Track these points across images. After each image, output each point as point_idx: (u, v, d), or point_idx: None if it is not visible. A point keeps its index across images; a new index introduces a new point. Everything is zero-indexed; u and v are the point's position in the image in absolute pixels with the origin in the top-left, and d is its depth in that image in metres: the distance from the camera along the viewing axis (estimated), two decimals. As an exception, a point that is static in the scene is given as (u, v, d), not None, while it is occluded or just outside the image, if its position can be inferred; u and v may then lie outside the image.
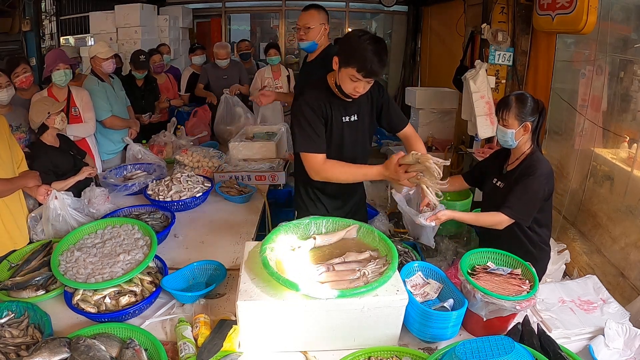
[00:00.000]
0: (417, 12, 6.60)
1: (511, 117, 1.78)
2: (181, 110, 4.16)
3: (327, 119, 1.81)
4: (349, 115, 1.85)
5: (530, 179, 1.73)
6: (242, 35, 6.91)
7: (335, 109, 1.81)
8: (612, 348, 1.42)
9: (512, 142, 1.81)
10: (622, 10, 2.59)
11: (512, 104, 1.78)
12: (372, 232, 1.60)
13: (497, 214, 1.75)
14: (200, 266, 1.78)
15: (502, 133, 1.81)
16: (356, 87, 1.67)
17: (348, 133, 1.87)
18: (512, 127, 1.78)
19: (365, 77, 1.63)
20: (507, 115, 1.78)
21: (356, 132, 1.90)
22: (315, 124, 1.75)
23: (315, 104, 1.77)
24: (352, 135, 1.89)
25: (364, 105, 1.88)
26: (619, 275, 2.42)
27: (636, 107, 2.50)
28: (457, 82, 3.77)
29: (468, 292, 1.42)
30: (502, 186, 1.87)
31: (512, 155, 1.89)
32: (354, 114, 1.86)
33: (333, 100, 1.80)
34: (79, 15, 5.72)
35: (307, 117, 1.75)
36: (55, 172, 2.30)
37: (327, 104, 1.79)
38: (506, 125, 1.79)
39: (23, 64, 2.72)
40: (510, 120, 1.78)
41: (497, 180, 1.90)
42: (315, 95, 1.79)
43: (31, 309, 1.49)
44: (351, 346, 1.35)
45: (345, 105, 1.82)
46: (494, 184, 1.92)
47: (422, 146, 1.96)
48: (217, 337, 1.37)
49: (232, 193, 2.60)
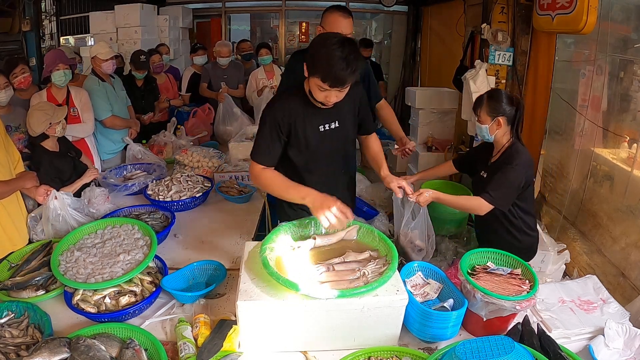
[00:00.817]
0: (417, 12, 6.60)
1: (483, 113, 1.91)
2: (181, 110, 4.16)
3: (298, 131, 1.68)
4: (327, 124, 1.72)
5: (509, 167, 1.83)
6: (242, 35, 6.91)
7: (310, 119, 1.68)
8: (612, 348, 1.42)
9: (488, 137, 1.93)
10: (622, 10, 2.59)
11: (484, 101, 1.92)
12: (372, 232, 1.60)
13: (477, 198, 1.85)
14: (200, 266, 1.78)
15: (478, 129, 1.95)
16: (327, 96, 1.53)
17: (328, 142, 1.74)
18: (485, 122, 1.91)
19: (331, 87, 1.48)
20: (480, 112, 1.92)
21: (337, 140, 1.77)
22: (272, 138, 1.66)
23: (280, 116, 1.65)
24: (332, 144, 1.76)
25: (345, 108, 1.73)
26: (619, 275, 2.42)
27: (636, 107, 2.49)
28: (457, 82, 3.77)
29: (468, 292, 1.43)
30: (486, 177, 1.96)
31: (494, 149, 2.00)
32: (333, 121, 1.73)
33: (308, 109, 1.66)
34: (79, 15, 5.71)
35: (267, 127, 1.66)
36: (60, 178, 2.30)
37: (300, 115, 1.66)
38: (480, 121, 1.93)
39: (21, 65, 2.71)
40: (482, 117, 1.91)
41: (484, 172, 1.99)
42: (287, 105, 1.66)
43: (31, 309, 1.49)
44: (351, 346, 1.35)
45: (322, 113, 1.68)
46: (480, 175, 2.01)
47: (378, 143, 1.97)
48: (217, 337, 1.37)
49: (232, 193, 2.60)
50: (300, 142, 1.70)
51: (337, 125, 1.74)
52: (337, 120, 1.74)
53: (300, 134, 1.69)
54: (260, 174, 1.67)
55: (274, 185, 1.66)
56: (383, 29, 7.97)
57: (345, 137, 1.82)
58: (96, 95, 2.98)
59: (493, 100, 1.90)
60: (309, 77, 1.54)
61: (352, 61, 1.43)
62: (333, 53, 1.42)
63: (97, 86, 3.02)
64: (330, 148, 1.77)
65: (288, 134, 1.68)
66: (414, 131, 4.94)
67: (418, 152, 4.64)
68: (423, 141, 4.78)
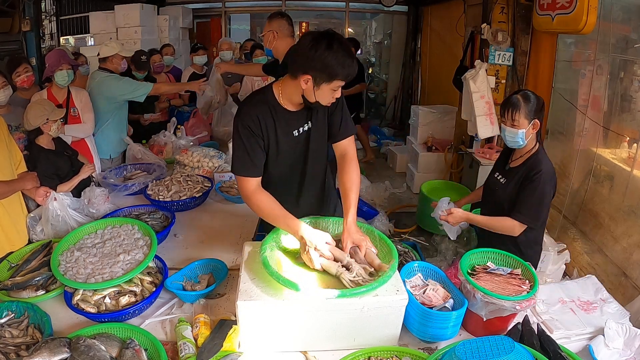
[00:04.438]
0: (417, 12, 6.61)
1: (521, 116, 1.75)
2: (181, 110, 4.16)
3: (271, 136, 1.60)
4: (300, 127, 1.65)
5: (536, 182, 1.74)
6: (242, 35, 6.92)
7: (281, 123, 1.60)
8: (612, 348, 1.42)
9: (523, 142, 1.79)
10: (622, 10, 2.59)
11: (521, 103, 1.76)
12: (372, 232, 1.60)
13: (508, 219, 1.78)
14: (202, 265, 1.79)
15: (512, 134, 1.79)
16: (335, 95, 1.53)
17: (301, 145, 1.68)
18: (522, 126, 1.76)
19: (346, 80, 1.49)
20: (517, 115, 1.75)
21: (310, 141, 1.69)
22: (251, 146, 1.57)
23: (252, 123, 1.56)
24: (306, 146, 1.69)
25: (318, 109, 1.63)
26: (620, 275, 2.42)
27: (636, 107, 2.50)
28: (457, 82, 3.77)
29: (468, 292, 1.42)
30: (503, 181, 1.89)
31: (516, 152, 1.89)
32: (305, 122, 1.65)
33: (278, 113, 1.59)
34: (79, 15, 5.72)
35: (242, 138, 1.57)
36: (58, 175, 2.30)
37: (270, 120, 1.58)
38: (516, 125, 1.77)
39: (24, 64, 2.72)
40: (521, 120, 1.75)
41: (500, 175, 1.92)
42: (255, 112, 1.57)
43: (31, 309, 1.49)
44: (351, 346, 1.35)
45: (294, 116, 1.62)
46: (495, 177, 1.94)
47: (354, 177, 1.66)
48: (217, 337, 1.37)
49: (232, 193, 2.60)
50: (271, 146, 1.63)
51: (310, 126, 1.67)
52: (309, 121, 1.66)
53: (274, 139, 1.61)
54: (251, 196, 1.58)
55: (265, 212, 1.58)
56: (383, 29, 7.98)
57: (318, 138, 1.71)
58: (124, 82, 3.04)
59: (530, 102, 1.76)
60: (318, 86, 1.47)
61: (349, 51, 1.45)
62: (339, 53, 1.42)
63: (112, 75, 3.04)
64: (304, 150, 1.70)
65: (268, 137, 1.60)
66: (414, 131, 4.95)
67: (418, 152, 4.65)
68: (423, 141, 4.79)
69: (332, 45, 1.41)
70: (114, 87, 3.00)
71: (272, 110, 1.58)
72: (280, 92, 1.59)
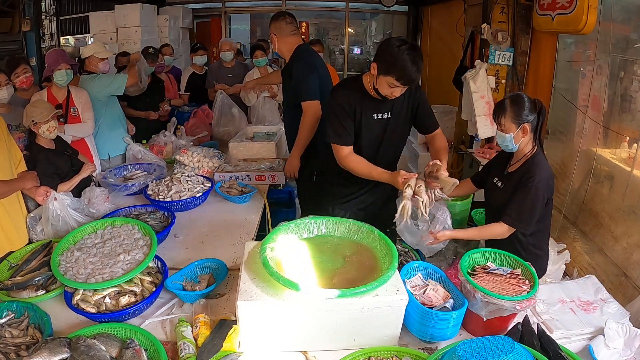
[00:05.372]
0: (417, 12, 6.61)
1: (507, 120, 1.73)
2: (181, 110, 4.16)
3: (357, 116, 1.92)
4: (381, 113, 1.94)
5: (529, 186, 1.71)
6: (242, 35, 6.92)
7: (367, 107, 1.92)
8: (612, 348, 1.42)
9: (513, 146, 1.77)
10: (622, 10, 2.59)
11: (507, 107, 1.73)
12: (372, 232, 1.60)
13: (497, 225, 1.75)
14: (202, 265, 1.78)
15: (501, 138, 1.77)
16: (393, 91, 1.78)
17: (379, 130, 1.97)
18: (509, 131, 1.73)
19: (403, 85, 1.74)
20: (504, 119, 1.73)
21: (388, 129, 1.98)
22: (344, 120, 1.90)
23: (344, 102, 1.90)
24: (384, 132, 1.98)
25: (399, 103, 1.94)
26: (621, 275, 2.42)
27: (636, 107, 2.50)
28: (457, 82, 3.77)
29: (468, 292, 1.42)
30: (501, 186, 1.86)
31: (514, 157, 1.86)
32: (387, 111, 1.94)
33: (365, 98, 1.91)
34: (79, 15, 5.72)
35: (336, 113, 1.91)
36: (58, 174, 2.29)
37: (358, 103, 1.90)
38: (504, 129, 1.75)
39: (23, 64, 2.71)
40: (507, 124, 1.73)
41: (498, 180, 1.89)
42: (346, 94, 1.92)
43: (31, 309, 1.49)
44: (351, 346, 1.35)
45: (377, 103, 1.91)
46: (493, 183, 1.91)
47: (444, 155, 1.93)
48: (217, 337, 1.37)
49: (232, 193, 2.60)
50: (357, 126, 1.93)
51: (390, 115, 1.96)
52: (389, 112, 1.95)
53: (360, 120, 1.92)
54: (345, 159, 1.93)
55: (359, 168, 1.92)
56: (383, 29, 7.98)
57: (396, 128, 2.00)
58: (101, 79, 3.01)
59: (517, 106, 1.72)
60: (378, 75, 1.76)
61: (420, 63, 1.70)
62: (407, 57, 1.66)
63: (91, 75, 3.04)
64: (382, 135, 1.98)
65: (354, 118, 1.92)
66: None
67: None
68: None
69: (402, 47, 1.67)
70: (91, 86, 2.97)
71: (360, 94, 1.91)
72: (368, 80, 1.88)
